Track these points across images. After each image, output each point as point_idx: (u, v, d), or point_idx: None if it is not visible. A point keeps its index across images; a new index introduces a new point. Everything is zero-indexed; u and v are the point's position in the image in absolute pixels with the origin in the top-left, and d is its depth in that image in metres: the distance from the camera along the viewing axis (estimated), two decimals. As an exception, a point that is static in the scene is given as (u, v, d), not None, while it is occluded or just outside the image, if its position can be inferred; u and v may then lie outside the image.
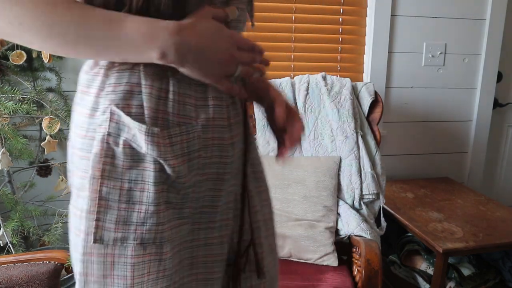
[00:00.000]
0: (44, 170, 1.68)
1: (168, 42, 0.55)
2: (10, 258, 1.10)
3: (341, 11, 1.94)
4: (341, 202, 1.59)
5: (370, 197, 1.61)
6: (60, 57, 1.76)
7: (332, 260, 1.42)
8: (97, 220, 0.60)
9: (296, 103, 1.71)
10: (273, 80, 1.77)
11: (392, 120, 2.07)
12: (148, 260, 0.61)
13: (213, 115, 0.63)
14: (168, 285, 0.63)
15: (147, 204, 0.60)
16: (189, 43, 0.56)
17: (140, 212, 0.60)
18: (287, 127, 0.77)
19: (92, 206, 0.60)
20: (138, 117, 0.58)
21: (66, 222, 1.48)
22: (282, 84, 1.74)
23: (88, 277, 0.62)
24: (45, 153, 1.48)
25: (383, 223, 1.67)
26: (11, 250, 1.30)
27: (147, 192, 0.60)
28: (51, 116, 1.37)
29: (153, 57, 0.55)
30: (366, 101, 1.70)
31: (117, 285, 0.61)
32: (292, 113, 0.78)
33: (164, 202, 0.62)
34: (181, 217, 0.65)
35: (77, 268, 0.62)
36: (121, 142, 0.59)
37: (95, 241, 0.60)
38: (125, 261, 0.61)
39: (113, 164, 0.60)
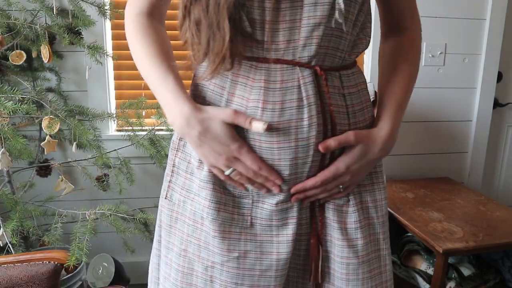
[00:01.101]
0: (44, 170, 1.68)
1: (176, 119, 0.67)
2: (10, 258, 1.10)
3: (341, 11, 1.94)
4: (341, 202, 1.59)
5: (370, 197, 1.61)
6: (60, 57, 1.76)
7: (332, 260, 1.42)
8: (169, 182, 0.78)
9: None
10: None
11: (392, 120, 2.07)
12: (199, 228, 0.73)
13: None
14: (207, 257, 0.73)
15: (199, 180, 0.72)
16: (190, 131, 0.67)
17: (197, 185, 0.73)
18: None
19: (168, 170, 0.78)
20: None
21: (66, 222, 1.49)
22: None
23: (162, 224, 0.80)
24: (45, 153, 1.48)
25: (383, 223, 1.67)
26: (11, 250, 1.30)
27: (202, 170, 0.72)
28: (51, 116, 1.37)
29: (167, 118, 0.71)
30: (366, 101, 1.70)
31: (178, 236, 0.77)
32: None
33: (219, 186, 0.71)
34: (240, 206, 0.72)
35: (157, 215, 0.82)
36: None
37: (165, 197, 0.78)
38: (184, 219, 0.75)
39: (185, 141, 0.75)
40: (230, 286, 0.72)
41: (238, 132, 0.67)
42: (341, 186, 0.71)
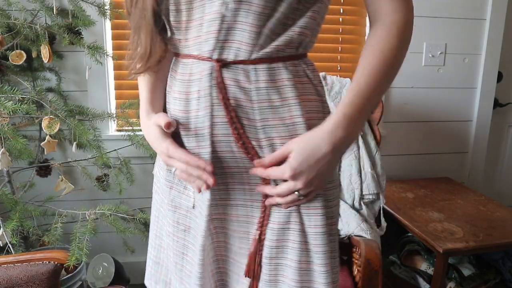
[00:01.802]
0: (44, 170, 1.68)
1: (140, 122, 0.81)
2: (9, 258, 1.10)
3: (341, 11, 1.94)
4: (341, 202, 1.59)
5: (370, 197, 1.61)
6: (60, 57, 1.76)
7: (332, 260, 1.42)
8: (155, 162, 0.90)
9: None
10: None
11: (392, 120, 2.07)
12: (163, 201, 0.84)
13: (173, 106, 0.75)
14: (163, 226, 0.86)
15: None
16: (144, 133, 0.79)
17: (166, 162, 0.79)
18: None
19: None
20: None
21: (66, 222, 1.49)
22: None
23: None
24: (45, 153, 1.48)
25: (383, 223, 1.67)
26: (10, 250, 1.30)
27: None
28: (51, 116, 1.37)
29: None
30: (366, 101, 1.70)
31: (154, 205, 0.89)
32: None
33: None
34: (188, 188, 0.79)
35: None
36: None
37: (153, 171, 0.92)
38: (158, 191, 0.86)
39: None
40: (178, 255, 0.81)
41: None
42: (298, 193, 0.69)
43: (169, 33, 0.72)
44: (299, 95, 0.69)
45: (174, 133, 0.74)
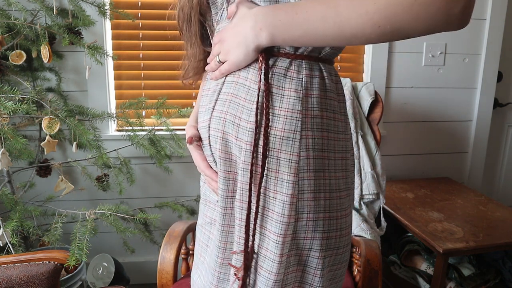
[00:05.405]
0: (44, 170, 1.68)
1: None
2: (9, 258, 1.10)
3: (341, 11, 1.94)
4: (341, 202, 1.58)
5: (370, 197, 1.61)
6: (60, 57, 1.76)
7: (332, 260, 1.42)
8: None
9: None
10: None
11: (392, 120, 2.07)
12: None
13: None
14: None
15: None
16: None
17: None
18: None
19: None
20: None
21: (66, 222, 1.49)
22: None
23: None
24: (45, 153, 1.48)
25: (383, 223, 1.67)
26: (10, 250, 1.30)
27: None
28: (51, 116, 1.37)
29: None
30: (366, 101, 1.70)
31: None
32: None
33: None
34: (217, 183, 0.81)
35: None
36: None
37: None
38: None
39: None
40: (202, 246, 0.83)
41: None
42: (218, 58, 0.71)
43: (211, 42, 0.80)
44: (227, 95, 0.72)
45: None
